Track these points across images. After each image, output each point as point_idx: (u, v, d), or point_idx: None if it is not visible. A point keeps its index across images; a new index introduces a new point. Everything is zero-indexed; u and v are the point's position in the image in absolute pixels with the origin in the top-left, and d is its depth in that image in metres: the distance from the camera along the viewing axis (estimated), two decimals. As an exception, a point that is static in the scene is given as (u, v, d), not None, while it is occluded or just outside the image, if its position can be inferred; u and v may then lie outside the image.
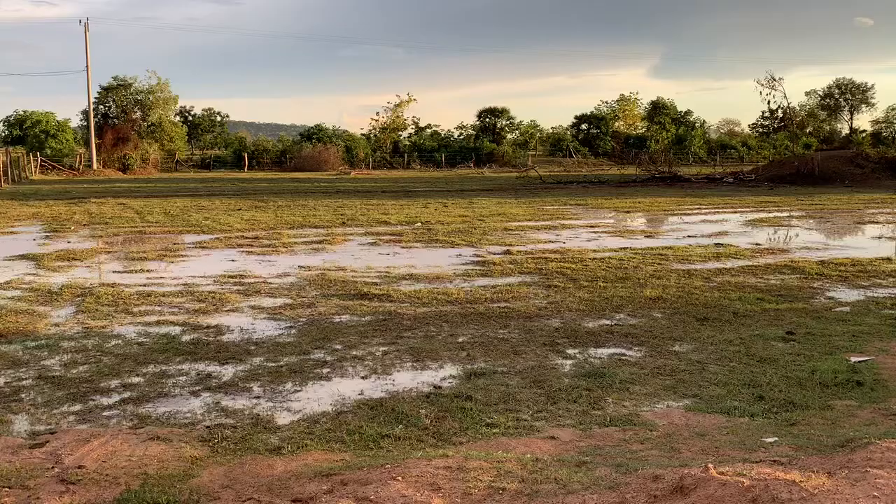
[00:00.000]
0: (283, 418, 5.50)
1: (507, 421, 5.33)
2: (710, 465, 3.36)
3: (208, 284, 10.60)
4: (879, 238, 16.65)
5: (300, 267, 12.10)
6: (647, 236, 16.62)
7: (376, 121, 64.37)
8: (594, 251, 13.88)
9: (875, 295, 9.98)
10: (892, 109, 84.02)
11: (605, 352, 7.24)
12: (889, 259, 12.90)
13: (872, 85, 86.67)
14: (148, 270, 11.83)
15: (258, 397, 5.96)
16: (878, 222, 20.06)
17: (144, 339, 7.62)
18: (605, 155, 64.19)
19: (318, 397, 5.96)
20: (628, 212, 22.67)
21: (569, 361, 6.90)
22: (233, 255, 13.51)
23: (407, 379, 6.41)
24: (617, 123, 72.97)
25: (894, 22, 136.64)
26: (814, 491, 3.04)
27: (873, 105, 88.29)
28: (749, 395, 5.94)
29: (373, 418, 5.41)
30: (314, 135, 60.03)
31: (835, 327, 8.11)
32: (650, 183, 36.38)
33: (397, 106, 63.99)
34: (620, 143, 64.90)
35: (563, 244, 14.97)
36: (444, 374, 6.50)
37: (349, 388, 6.18)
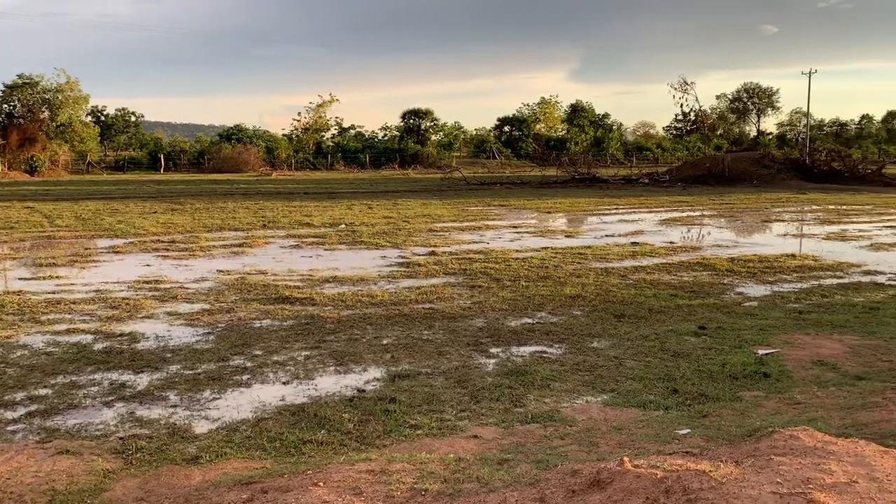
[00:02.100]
0: (200, 427, 5.35)
1: (430, 422, 5.34)
2: (626, 459, 3.46)
3: (122, 290, 10.21)
4: (784, 235, 17.53)
5: (219, 271, 11.80)
6: (568, 236, 16.97)
7: (298, 121, 63.57)
8: (517, 251, 14.08)
9: (780, 290, 10.50)
10: (796, 113, 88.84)
11: (527, 350, 7.35)
12: (793, 255, 13.59)
13: (777, 89, 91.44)
14: (57, 277, 11.30)
15: (175, 406, 5.78)
16: (783, 220, 21.11)
17: (53, 349, 7.28)
18: (527, 157, 65.18)
19: (238, 404, 5.83)
20: (549, 212, 23.10)
21: (492, 360, 6.98)
22: (148, 260, 13.06)
23: (330, 383, 6.34)
24: (538, 126, 74.35)
25: (797, 29, 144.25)
26: (722, 480, 3.17)
27: (778, 108, 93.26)
28: (664, 388, 6.14)
29: (294, 424, 5.33)
30: (234, 135, 58.72)
31: (743, 321, 8.48)
32: (570, 184, 37.17)
33: (320, 106, 63.35)
34: (541, 145, 66.04)
35: (486, 244, 15.12)
36: (367, 378, 6.47)
37: (270, 394, 6.07)
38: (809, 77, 53.30)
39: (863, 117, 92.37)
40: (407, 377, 6.40)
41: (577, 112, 73.00)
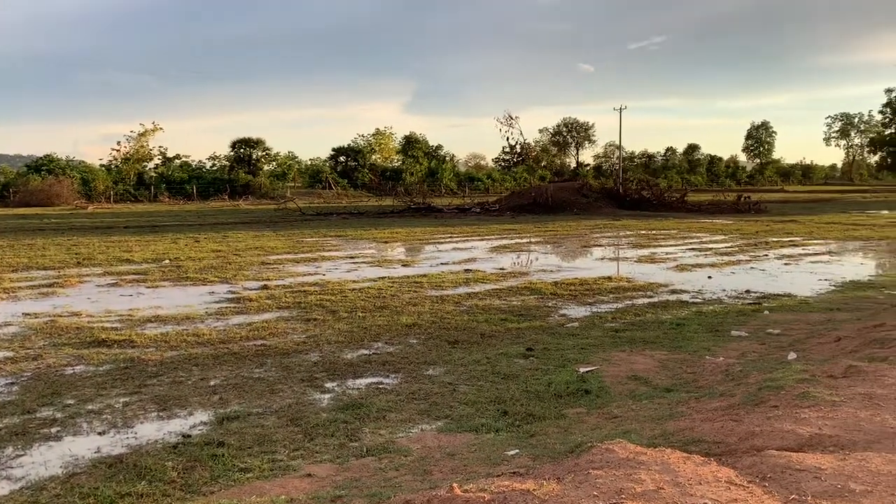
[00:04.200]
0: (1, 489, 4.81)
1: (261, 464, 5.15)
2: (455, 485, 3.52)
3: None
4: (602, 259, 18.80)
5: (25, 314, 10.75)
6: (404, 265, 17.17)
7: (118, 151, 59.81)
8: (354, 282, 14.03)
9: (599, 310, 11.23)
10: (610, 146, 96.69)
11: (363, 382, 7.31)
12: (610, 278, 14.61)
13: (593, 124, 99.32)
14: None
15: (-32, 469, 5.16)
16: (600, 245, 22.64)
17: None
18: (364, 187, 65.55)
19: (46, 460, 5.31)
20: (387, 242, 23.28)
21: (327, 395, 6.87)
22: (-63, 305, 11.63)
23: (152, 430, 5.95)
24: (374, 156, 75.14)
25: (610, 68, 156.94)
26: (545, 497, 3.32)
27: (594, 142, 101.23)
28: (495, 411, 6.34)
29: (111, 477, 4.93)
30: (44, 166, 54.12)
31: (567, 342, 8.98)
32: (407, 213, 37.76)
33: (142, 135, 60.06)
34: (378, 176, 66.73)
35: (322, 276, 14.94)
36: (193, 422, 6.13)
37: (83, 446, 5.59)
38: (620, 113, 57.95)
39: (668, 150, 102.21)
40: (236, 419, 6.14)
41: (411, 143, 74.65)
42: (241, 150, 65.07)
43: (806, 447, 4.10)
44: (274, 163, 67.80)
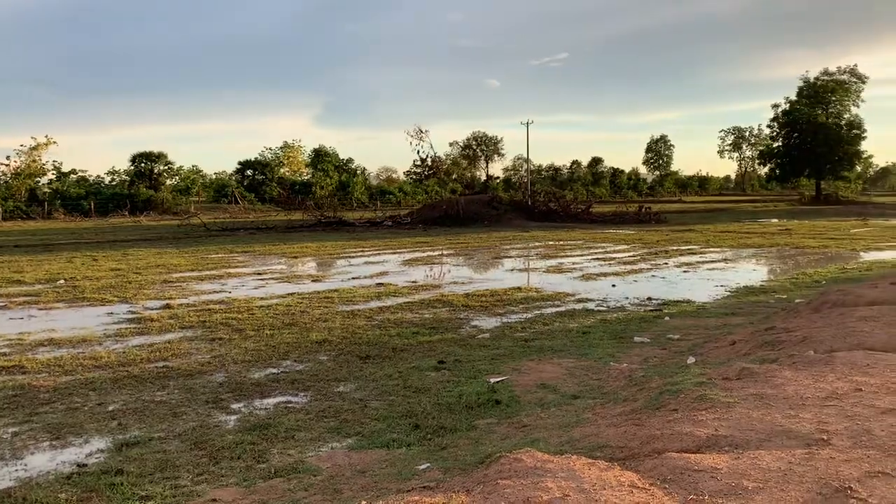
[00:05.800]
0: None
1: (163, 491, 4.95)
2: (364, 503, 3.48)
3: None
4: (512, 270, 19.12)
5: None
6: (315, 280, 16.92)
7: (7, 166, 56.51)
8: (261, 299, 13.72)
9: (509, 321, 11.39)
10: (518, 159, 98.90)
11: (271, 402, 7.14)
12: (519, 288, 14.86)
13: (501, 138, 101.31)
14: None
15: None
16: (510, 256, 23.02)
17: None
18: (273, 201, 64.23)
19: (-79, 501, 4.91)
20: (296, 257, 22.89)
21: (233, 417, 6.67)
22: None
23: (44, 461, 5.61)
24: (282, 170, 73.88)
25: (516, 84, 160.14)
26: (454, 510, 3.32)
27: (503, 155, 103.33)
28: (407, 425, 6.32)
29: (-4, 515, 4.62)
30: (-79, 181, 50.46)
31: (478, 353, 9.06)
32: (317, 228, 37.27)
33: (33, 149, 56.95)
34: (287, 189, 65.58)
35: (228, 294, 14.53)
36: (90, 450, 5.82)
37: (-35, 482, 5.21)
38: (527, 127, 59.26)
39: (573, 163, 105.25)
40: (137, 445, 5.87)
41: (321, 156, 73.87)
42: (142, 165, 62.69)
43: (704, 448, 4.28)
44: (177, 177, 65.66)
